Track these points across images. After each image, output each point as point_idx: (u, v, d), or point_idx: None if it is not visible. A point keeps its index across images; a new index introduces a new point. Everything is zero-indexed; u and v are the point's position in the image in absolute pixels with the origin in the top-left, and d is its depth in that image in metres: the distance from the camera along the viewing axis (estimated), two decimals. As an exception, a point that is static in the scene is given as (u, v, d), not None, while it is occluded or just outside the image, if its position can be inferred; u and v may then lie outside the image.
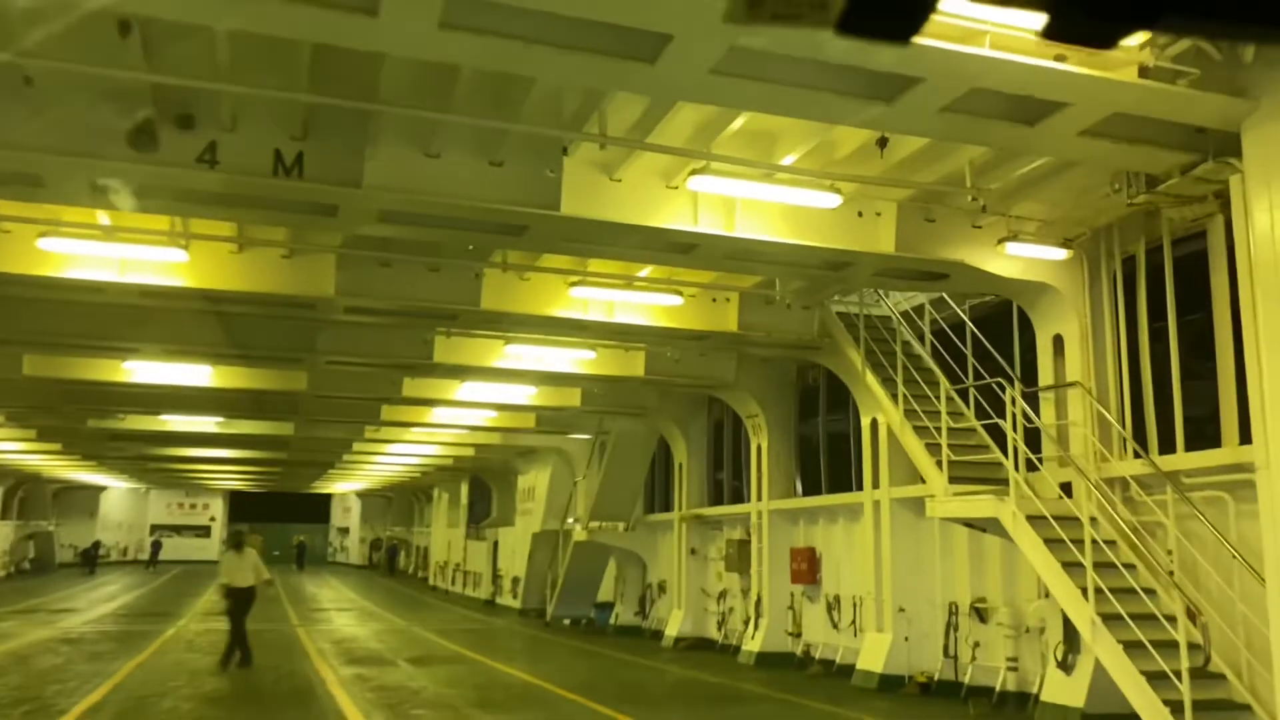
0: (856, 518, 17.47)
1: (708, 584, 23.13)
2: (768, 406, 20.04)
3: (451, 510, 47.95)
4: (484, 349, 18.15)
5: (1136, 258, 12.04)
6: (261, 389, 21.24)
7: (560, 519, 31.25)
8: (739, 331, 15.37)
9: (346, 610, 34.53)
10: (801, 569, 18.78)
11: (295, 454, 36.21)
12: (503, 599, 36.89)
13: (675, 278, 14.42)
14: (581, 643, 24.12)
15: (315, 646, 21.70)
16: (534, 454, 34.83)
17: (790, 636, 19.19)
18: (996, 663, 13.96)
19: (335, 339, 17.52)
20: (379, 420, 25.93)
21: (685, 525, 23.46)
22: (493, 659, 19.95)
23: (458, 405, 23.69)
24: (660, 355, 19.00)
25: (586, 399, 22.96)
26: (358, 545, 72.96)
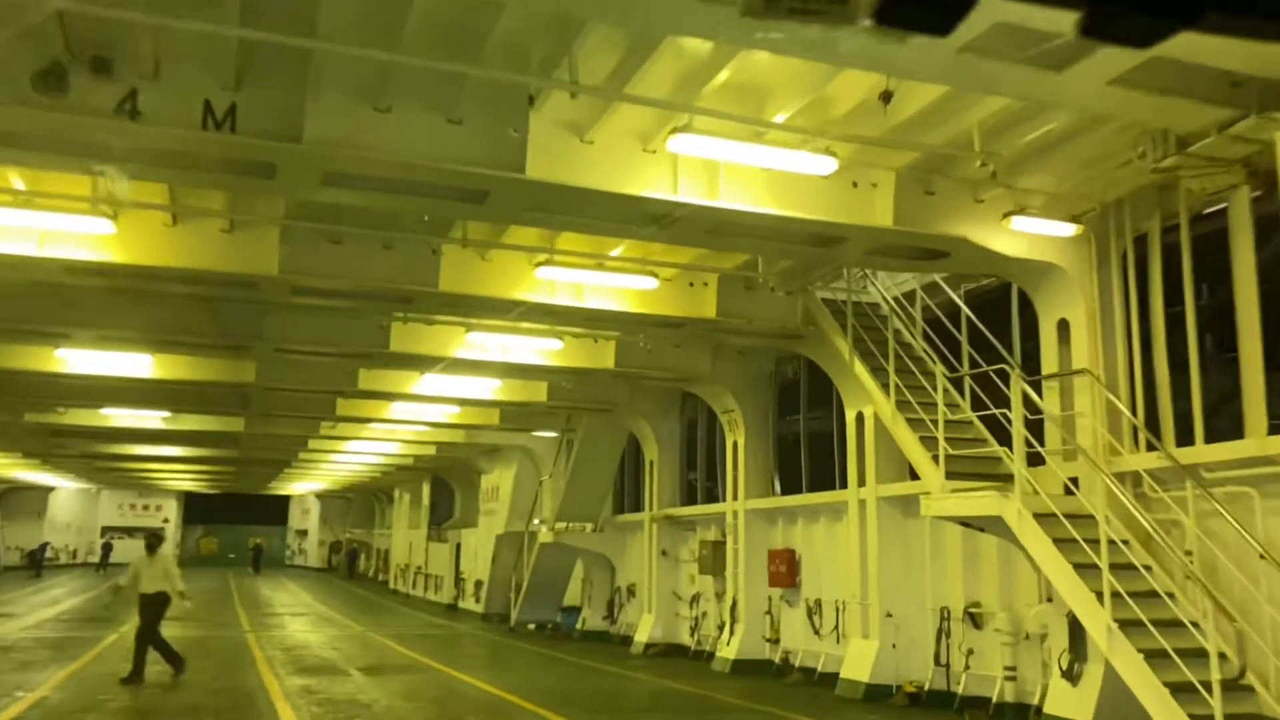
0: (839, 517, 16.53)
1: (680, 587, 22.12)
2: (744, 401, 19.06)
3: (413, 511, 46.64)
4: (444, 337, 17.03)
5: (1150, 236, 11.17)
6: (207, 380, 19.95)
7: (525, 520, 30.15)
8: (717, 318, 14.38)
9: (301, 615, 33.18)
10: (780, 572, 17.80)
11: (248, 452, 34.76)
12: (465, 603, 35.68)
13: (650, 258, 13.40)
14: (547, 649, 23.02)
15: (264, 654, 20.45)
16: (498, 452, 33.66)
17: (768, 643, 18.21)
18: (993, 671, 13.05)
19: (284, 325, 16.34)
20: (334, 415, 24.68)
21: (656, 526, 22.43)
22: (452, 667, 18.81)
23: (417, 400, 22.52)
24: (632, 345, 17.97)
25: (553, 394, 21.87)
26: (317, 548, 71.16)
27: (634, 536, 24.63)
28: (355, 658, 20.26)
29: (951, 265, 12.02)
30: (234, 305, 15.74)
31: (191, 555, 73.52)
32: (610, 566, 25.71)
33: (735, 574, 18.87)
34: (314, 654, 21.02)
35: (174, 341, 17.18)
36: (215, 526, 76.22)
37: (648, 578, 22.64)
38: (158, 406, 23.95)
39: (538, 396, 21.86)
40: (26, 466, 47.76)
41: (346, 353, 17.53)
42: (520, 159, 9.23)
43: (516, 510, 31.85)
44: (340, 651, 21.50)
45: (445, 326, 16.76)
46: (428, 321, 16.74)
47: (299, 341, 16.73)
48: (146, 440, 31.38)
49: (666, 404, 22.77)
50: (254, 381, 19.91)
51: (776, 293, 14.34)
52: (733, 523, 19.10)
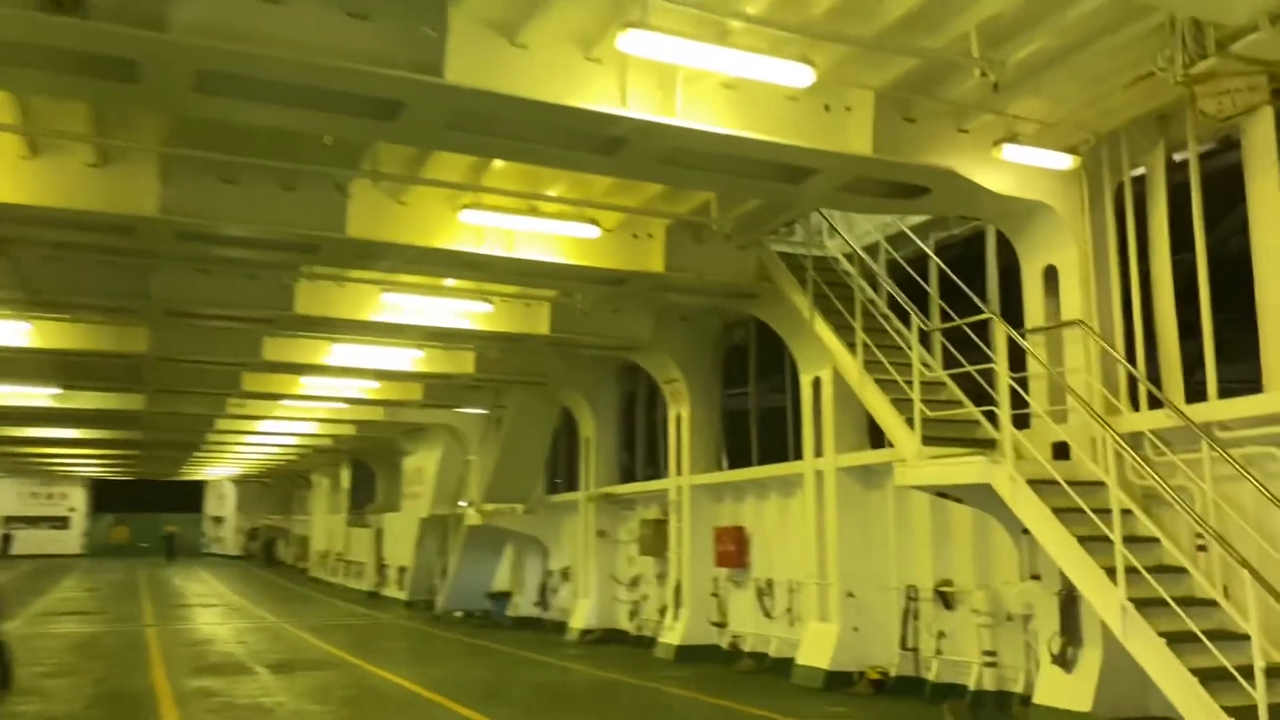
0: (793, 492, 15.28)
1: (618, 570, 20.74)
2: (689, 370, 17.69)
3: (332, 496, 44.55)
4: (356, 299, 15.34)
5: (1150, 171, 10.02)
6: (95, 350, 17.92)
7: (451, 502, 28.53)
8: (665, 273, 12.94)
9: (212, 606, 31.12)
10: (728, 551, 16.52)
11: (152, 433, 32.40)
12: (388, 590, 33.90)
13: (593, 199, 11.89)
14: (475, 638, 21.48)
15: (163, 651, 18.60)
16: (422, 432, 31.89)
17: (715, 627, 16.93)
18: (968, 656, 11.91)
19: (174, 284, 14.53)
20: (241, 391, 22.72)
21: (593, 505, 21.00)
22: (371, 662, 17.18)
23: (331, 373, 20.71)
24: (568, 309, 16.46)
25: (481, 365, 20.26)
26: (234, 535, 68.35)
27: (568, 517, 23.18)
28: (264, 653, 18.51)
29: (930, 205, 10.75)
30: (116, 261, 13.89)
31: (102, 545, 70.17)
32: (543, 550, 24.25)
33: (679, 554, 17.55)
34: (219, 650, 19.21)
35: (50, 303, 15.19)
36: (126, 514, 72.69)
37: (583, 560, 21.23)
38: (44, 381, 21.72)
39: (464, 368, 20.22)
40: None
41: (247, 316, 15.72)
42: (438, 60, 7.80)
43: (442, 493, 30.18)
44: (248, 646, 19.70)
45: (357, 285, 15.08)
46: (338, 280, 15.03)
47: (192, 302, 14.91)
48: (38, 421, 28.90)
49: (603, 375, 21.31)
50: (146, 351, 17.95)
51: (732, 241, 12.93)
52: (676, 500, 17.76)
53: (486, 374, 20.44)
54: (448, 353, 19.92)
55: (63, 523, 68.78)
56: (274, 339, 18.48)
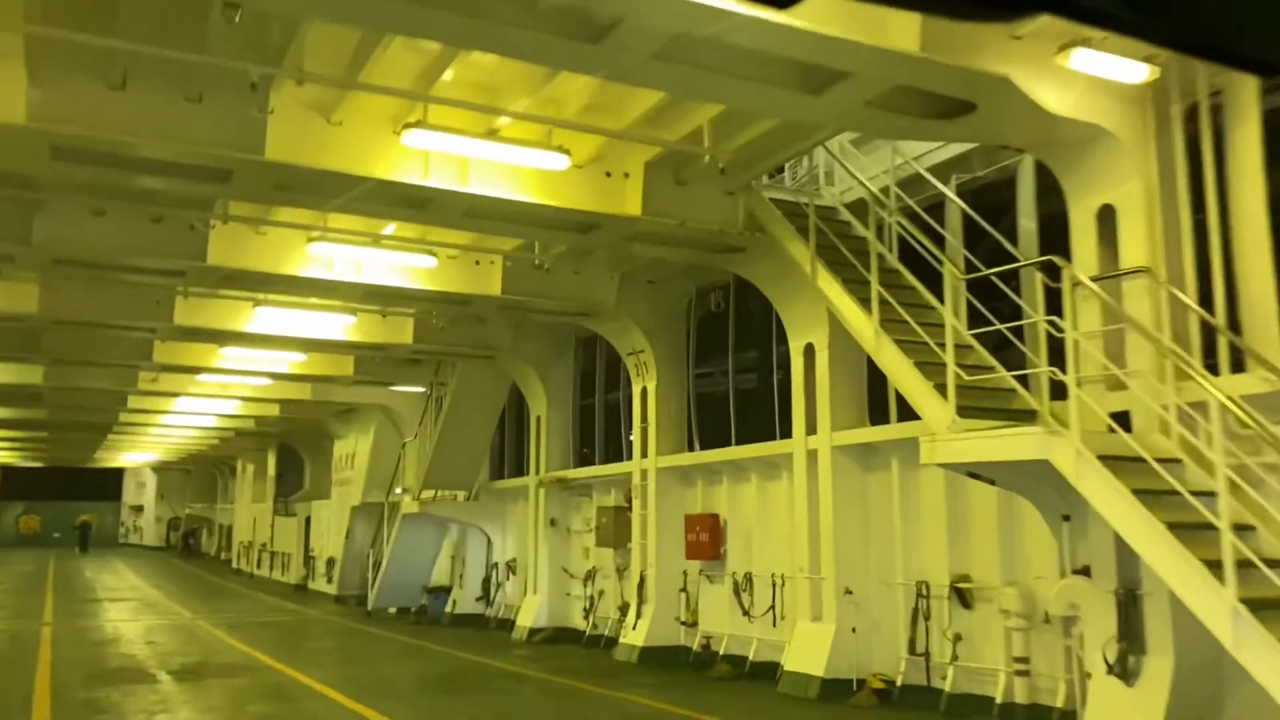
0: (776, 474, 13.60)
1: (571, 563, 18.90)
2: (656, 340, 15.90)
3: (257, 484, 41.95)
4: (280, 249, 13.26)
5: (1234, 91, 8.44)
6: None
7: (385, 489, 26.41)
8: (641, 217, 11.08)
9: (124, 600, 28.62)
10: (700, 541, 14.79)
11: (58, 412, 29.65)
12: (316, 584, 31.60)
13: (563, 119, 9.96)
14: (411, 637, 19.48)
15: (57, 655, 16.33)
16: (354, 414, 29.66)
17: (683, 626, 15.19)
18: (992, 663, 10.30)
19: (62, 226, 12.32)
20: (153, 363, 20.37)
21: (544, 491, 19.12)
22: (292, 665, 15.14)
23: (252, 343, 18.51)
24: (523, 267, 14.58)
25: (422, 334, 18.22)
26: (154, 525, 64.80)
27: (515, 505, 21.30)
28: (172, 655, 16.34)
29: (970, 129, 9.04)
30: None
31: (10, 535, 66.18)
32: (486, 540, 22.30)
33: (643, 545, 15.76)
34: (121, 652, 16.99)
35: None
36: (38, 503, 68.72)
37: (533, 552, 19.34)
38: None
39: (402, 337, 18.18)
40: None
41: (153, 268, 13.55)
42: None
43: (375, 479, 28.01)
44: (156, 648, 17.49)
45: (280, 232, 13.02)
46: (256, 227, 12.97)
47: (85, 249, 12.70)
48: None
49: (558, 348, 19.43)
50: (38, 312, 15.64)
51: (725, 179, 11.08)
52: (640, 484, 15.96)
53: (427, 345, 18.41)
54: (384, 321, 17.87)
55: (-35, 511, 64.79)
56: (186, 300, 16.27)
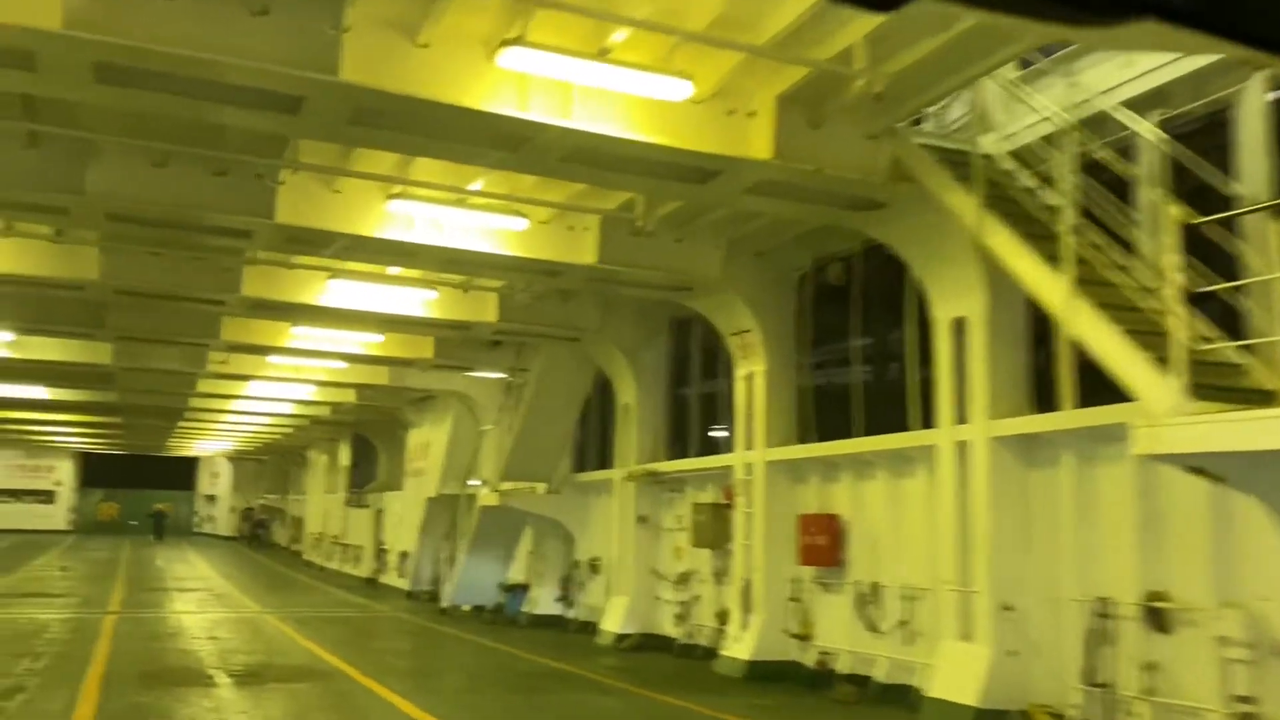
0: (911, 470, 11.86)
1: (661, 564, 17.32)
2: (765, 318, 14.23)
3: (329, 474, 41.17)
4: (357, 208, 11.88)
5: None
6: (37, 275, 14.49)
7: (462, 481, 25.14)
8: (771, 161, 9.42)
9: (192, 591, 27.80)
10: (817, 545, 13.08)
11: (129, 396, 28.92)
12: (387, 578, 30.52)
13: (672, 63, 8.37)
14: (488, 639, 18.08)
15: (113, 649, 15.24)
16: (430, 402, 28.47)
17: (794, 640, 13.51)
18: (1201, 700, 8.45)
19: (117, 179, 11.08)
20: (220, 340, 19.27)
21: (632, 486, 17.56)
22: (363, 671, 13.77)
23: (326, 320, 17.29)
24: (620, 232, 13.02)
25: (505, 312, 16.79)
26: (227, 515, 64.82)
27: (599, 499, 19.78)
28: (234, 654, 15.14)
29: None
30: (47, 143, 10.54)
31: (90, 521, 66.82)
32: (567, 536, 20.83)
33: (747, 547, 14.11)
34: (180, 649, 15.85)
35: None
36: (116, 490, 69.32)
37: (618, 551, 17.80)
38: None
39: (484, 315, 16.76)
40: None
41: (219, 227, 12.26)
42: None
43: (451, 469, 26.76)
44: (218, 644, 16.33)
45: (357, 187, 11.66)
46: (330, 182, 11.62)
47: (144, 202, 11.42)
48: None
49: (649, 331, 17.85)
50: (99, 279, 14.53)
51: (879, 103, 9.31)
52: (745, 479, 14.32)
53: (511, 323, 16.95)
54: (466, 297, 16.47)
55: (48, 497, 65.47)
56: (254, 269, 15.05)
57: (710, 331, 16.35)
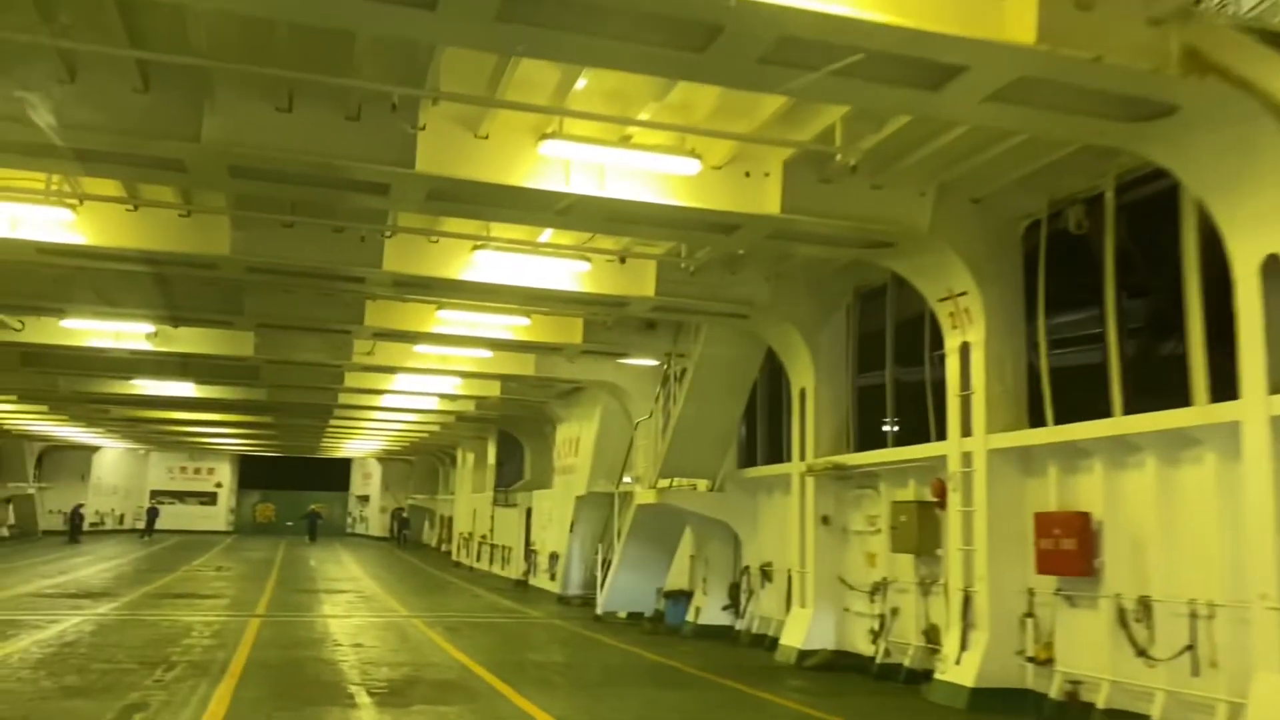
0: (1194, 455, 9.40)
1: (850, 571, 15.13)
2: (985, 277, 11.88)
3: (477, 473, 40.31)
4: (497, 158, 10.17)
5: None
6: (165, 250, 13.35)
7: (614, 477, 23.47)
8: (1039, 46, 7.16)
9: (340, 593, 26.99)
10: (1061, 550, 10.68)
11: (277, 392, 28.31)
12: (537, 580, 29.16)
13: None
14: (652, 653, 16.22)
15: (252, 657, 14.04)
16: (578, 395, 26.97)
17: (1031, 665, 11.12)
18: None
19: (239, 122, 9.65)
20: (364, 327, 17.99)
21: (812, 481, 15.42)
22: (517, 687, 12.07)
23: (470, 295, 15.78)
24: (804, 177, 10.94)
25: (664, 285, 14.90)
26: (378, 515, 65.29)
27: (770, 498, 17.73)
28: (378, 665, 13.70)
29: None
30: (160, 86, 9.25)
31: (248, 523, 68.51)
32: (734, 538, 18.84)
33: (966, 553, 11.79)
34: (323, 658, 14.52)
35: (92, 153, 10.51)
36: (273, 492, 70.94)
37: (799, 555, 15.67)
38: (125, 306, 17.35)
39: (641, 288, 14.90)
40: (72, 425, 42.69)
41: (351, 180, 10.68)
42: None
43: (601, 466, 25.20)
44: (362, 653, 14.97)
45: (504, 127, 9.96)
46: (474, 127, 9.96)
47: (268, 155, 9.94)
48: (139, 369, 25.03)
49: (828, 305, 15.69)
50: (230, 253, 13.29)
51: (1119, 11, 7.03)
52: (960, 472, 12.00)
53: (670, 297, 15.02)
54: (622, 269, 14.68)
55: (210, 499, 67.40)
56: (395, 241, 13.60)
57: (905, 303, 14.11)
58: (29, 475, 52.85)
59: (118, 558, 38.88)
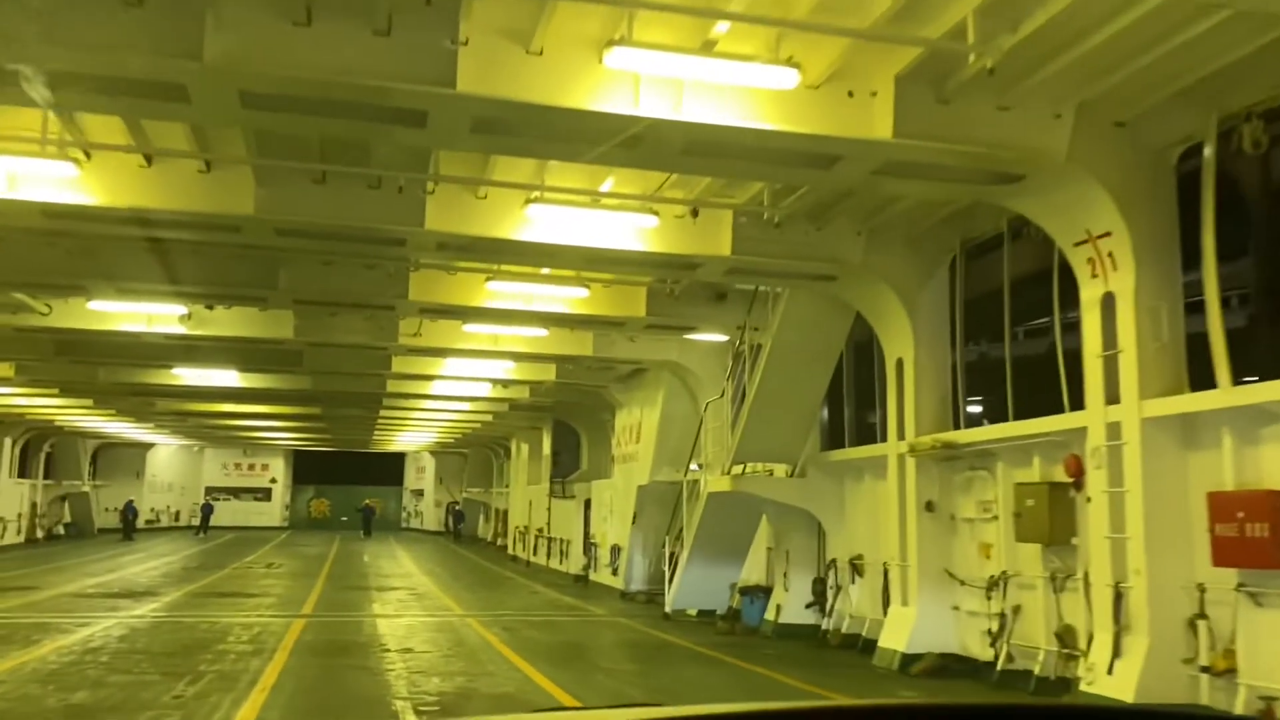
0: None
1: (959, 564, 13.30)
2: (1134, 211, 9.95)
3: (532, 464, 38.80)
4: (562, 75, 8.48)
5: None
6: (189, 210, 11.90)
7: (678, 465, 21.78)
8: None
9: (392, 589, 25.67)
10: (1246, 538, 8.75)
11: (322, 380, 26.91)
12: (599, 575, 27.57)
13: None
14: (733, 657, 14.51)
15: (288, 665, 12.59)
16: (638, 379, 25.30)
17: (1205, 675, 9.22)
18: None
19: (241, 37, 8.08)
20: (409, 302, 16.44)
21: (914, 463, 13.58)
22: (589, 703, 10.42)
23: (522, 257, 14.18)
24: (917, 98, 9.12)
25: (741, 243, 13.14)
26: (433, 509, 64.18)
27: (861, 483, 15.95)
28: (428, 675, 12.14)
29: None
30: None
31: (303, 518, 67.84)
32: (817, 529, 17.06)
33: (1115, 541, 9.90)
34: (368, 665, 13.03)
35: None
36: (327, 487, 70.25)
37: (899, 547, 13.84)
38: (155, 284, 15.96)
39: (716, 247, 13.15)
40: (123, 421, 42.03)
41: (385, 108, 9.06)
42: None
43: (665, 453, 23.51)
44: (410, 661, 13.44)
45: (559, 39, 8.28)
46: (527, 42, 8.27)
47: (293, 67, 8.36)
48: (177, 354, 23.71)
49: (928, 263, 13.84)
50: (254, 212, 11.78)
51: None
52: (1105, 446, 10.10)
53: (749, 256, 13.27)
54: (693, 225, 12.92)
55: (265, 494, 66.83)
56: (437, 198, 12.01)
57: (1023, 256, 12.23)
58: (84, 473, 52.44)
59: (169, 555, 38.06)
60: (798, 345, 15.67)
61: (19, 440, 43.53)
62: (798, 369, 15.91)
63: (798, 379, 15.98)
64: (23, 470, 45.29)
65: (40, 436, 45.89)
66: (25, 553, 37.70)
